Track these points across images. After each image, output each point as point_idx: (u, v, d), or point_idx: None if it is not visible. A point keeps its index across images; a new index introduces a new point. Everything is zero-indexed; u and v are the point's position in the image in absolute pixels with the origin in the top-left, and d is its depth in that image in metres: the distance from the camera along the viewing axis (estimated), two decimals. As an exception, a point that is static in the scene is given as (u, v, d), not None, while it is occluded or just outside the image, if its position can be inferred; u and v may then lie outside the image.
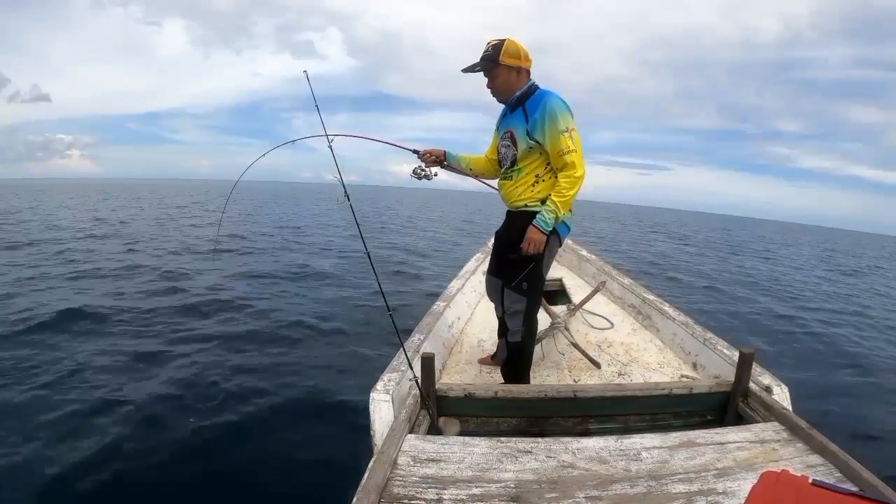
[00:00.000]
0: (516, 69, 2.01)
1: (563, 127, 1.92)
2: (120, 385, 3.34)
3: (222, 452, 2.64)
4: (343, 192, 1.92)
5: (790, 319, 7.02)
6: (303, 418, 3.04)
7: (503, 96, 2.09)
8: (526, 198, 2.07)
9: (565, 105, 1.97)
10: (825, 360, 5.17)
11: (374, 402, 1.72)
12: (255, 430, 2.87)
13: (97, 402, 3.08)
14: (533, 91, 2.03)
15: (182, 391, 3.29)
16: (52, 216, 17.28)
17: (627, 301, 3.53)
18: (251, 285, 6.78)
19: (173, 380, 3.46)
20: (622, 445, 1.50)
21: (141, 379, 3.46)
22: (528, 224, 2.03)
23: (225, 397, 3.24)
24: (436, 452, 1.44)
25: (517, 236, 2.08)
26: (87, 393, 3.20)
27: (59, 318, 4.73)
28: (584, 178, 1.97)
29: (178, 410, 3.04)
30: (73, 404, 3.03)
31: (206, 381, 3.46)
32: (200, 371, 3.63)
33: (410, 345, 2.19)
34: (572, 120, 1.96)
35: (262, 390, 3.38)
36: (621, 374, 2.46)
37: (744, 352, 1.84)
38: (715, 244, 22.62)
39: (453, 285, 3.39)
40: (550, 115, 1.93)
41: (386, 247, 11.75)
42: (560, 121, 1.93)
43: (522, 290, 2.09)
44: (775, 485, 0.92)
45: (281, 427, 2.92)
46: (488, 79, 2.07)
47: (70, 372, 3.49)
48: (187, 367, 3.70)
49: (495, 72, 2.02)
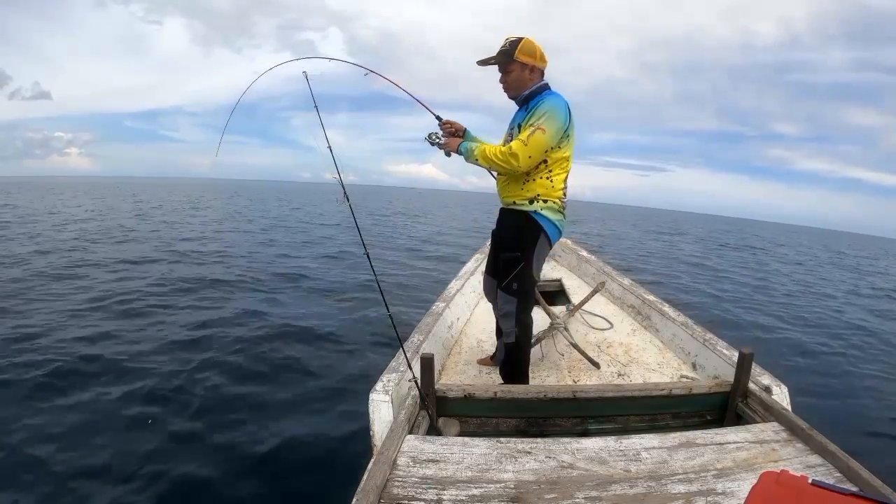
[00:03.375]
0: (530, 67, 2.03)
1: (535, 121, 1.93)
2: (119, 384, 3.34)
3: (221, 453, 2.63)
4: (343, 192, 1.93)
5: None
6: (302, 419, 3.03)
7: (514, 92, 2.10)
8: (515, 195, 2.08)
9: (559, 108, 1.96)
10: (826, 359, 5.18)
11: (373, 403, 1.73)
12: (254, 431, 2.87)
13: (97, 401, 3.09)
14: (542, 91, 2.04)
15: (179, 393, 3.29)
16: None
17: (627, 301, 3.54)
18: (250, 285, 6.77)
19: (171, 379, 3.46)
20: (622, 446, 1.50)
21: (137, 380, 3.45)
22: (517, 222, 2.07)
23: (223, 398, 3.24)
24: (435, 453, 1.44)
25: (507, 235, 2.13)
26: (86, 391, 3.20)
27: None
28: (514, 167, 1.94)
29: (176, 411, 3.04)
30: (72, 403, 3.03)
31: (204, 382, 3.46)
32: (198, 372, 3.62)
33: (410, 345, 2.19)
34: (555, 123, 1.93)
35: (260, 390, 3.37)
36: (621, 374, 2.46)
37: (743, 352, 1.84)
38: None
39: (452, 286, 3.39)
40: (537, 109, 1.95)
41: (386, 247, 11.76)
42: (538, 115, 1.93)
43: (512, 291, 2.10)
44: (775, 485, 0.92)
45: (280, 427, 2.91)
46: (502, 73, 2.08)
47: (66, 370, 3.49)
48: (184, 367, 3.69)
49: (510, 67, 2.04)
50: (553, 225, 2.08)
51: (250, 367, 3.78)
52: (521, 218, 2.07)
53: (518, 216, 2.07)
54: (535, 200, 2.04)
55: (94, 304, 5.30)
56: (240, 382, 3.49)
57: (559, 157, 2.03)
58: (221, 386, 3.41)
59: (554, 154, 2.01)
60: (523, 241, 2.08)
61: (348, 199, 1.91)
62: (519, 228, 2.08)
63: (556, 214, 2.08)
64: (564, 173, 2.08)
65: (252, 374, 3.67)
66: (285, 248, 10.97)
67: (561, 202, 2.09)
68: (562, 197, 2.09)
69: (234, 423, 2.95)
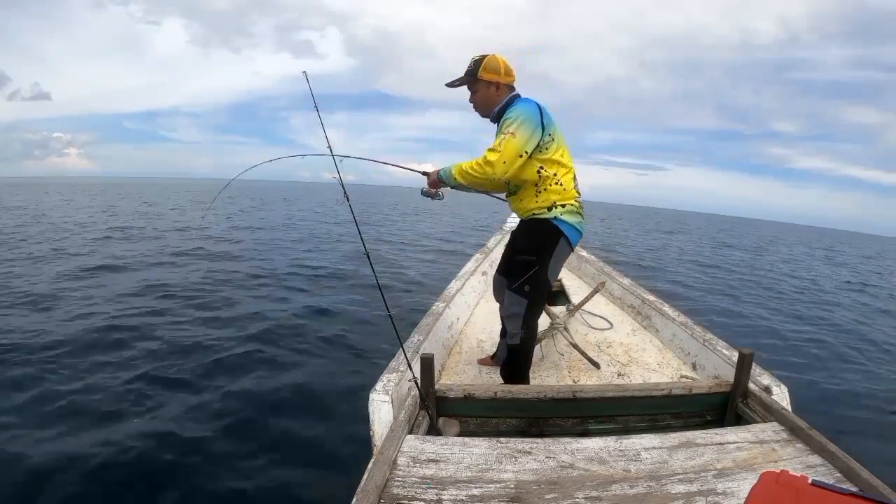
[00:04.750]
0: (495, 84, 2.03)
1: (505, 128, 1.92)
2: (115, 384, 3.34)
3: (220, 453, 2.63)
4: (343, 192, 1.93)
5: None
6: (301, 419, 3.03)
7: (484, 110, 2.12)
8: (533, 207, 2.06)
9: (527, 111, 1.94)
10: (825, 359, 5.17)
11: (373, 403, 1.73)
12: (254, 431, 2.87)
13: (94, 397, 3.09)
14: (511, 102, 2.04)
15: (178, 392, 3.29)
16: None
17: (627, 301, 3.54)
18: (249, 285, 6.77)
19: (168, 379, 3.46)
20: (622, 446, 1.50)
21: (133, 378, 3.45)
22: (536, 226, 2.06)
23: (222, 398, 3.24)
24: (435, 453, 1.44)
25: (525, 238, 2.13)
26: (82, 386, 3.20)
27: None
28: (489, 175, 1.91)
29: (174, 411, 3.03)
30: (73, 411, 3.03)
31: (203, 382, 3.46)
32: (196, 372, 3.63)
33: (410, 345, 2.19)
34: (525, 125, 1.91)
35: (260, 391, 3.37)
36: (621, 374, 2.46)
37: (743, 352, 1.84)
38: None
39: (453, 286, 3.39)
40: (506, 117, 1.96)
41: (386, 247, 11.76)
42: (507, 123, 1.93)
43: (524, 293, 2.09)
44: (775, 485, 0.92)
45: (279, 428, 2.91)
46: (471, 93, 2.11)
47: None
48: (182, 368, 3.69)
49: (475, 86, 2.07)
50: (573, 228, 2.06)
51: (249, 367, 3.78)
52: (541, 223, 2.05)
53: (539, 223, 2.06)
54: (553, 207, 2.02)
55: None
56: (239, 382, 3.49)
57: (551, 158, 2.00)
58: (221, 386, 3.41)
59: (544, 158, 1.98)
60: (542, 245, 2.06)
61: (348, 198, 1.92)
62: (538, 232, 2.07)
63: (574, 217, 2.06)
64: (570, 173, 2.07)
65: (251, 374, 3.67)
66: (285, 247, 10.97)
67: (577, 203, 2.08)
68: (577, 197, 2.08)
69: (233, 423, 2.94)
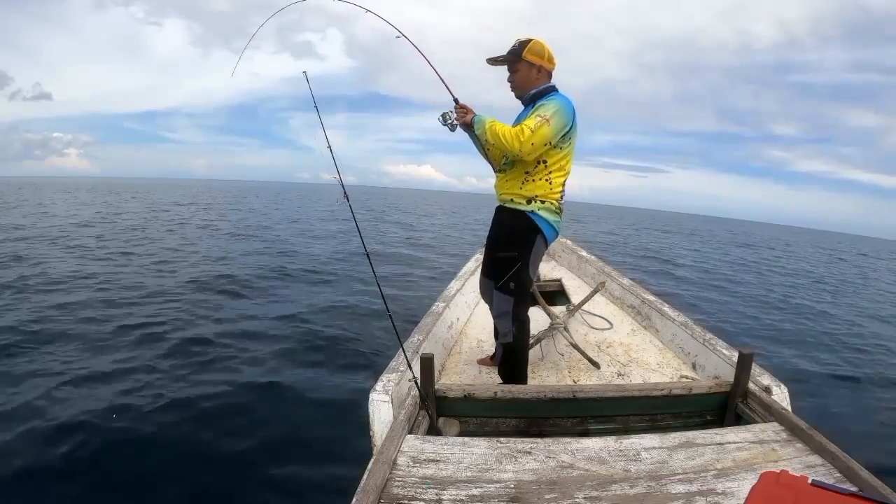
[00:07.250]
0: (537, 67, 2.05)
1: (543, 112, 1.94)
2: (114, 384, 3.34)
3: (220, 452, 2.63)
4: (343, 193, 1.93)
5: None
6: (301, 419, 3.03)
7: (520, 90, 2.12)
8: (513, 193, 2.08)
9: (566, 107, 1.98)
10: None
11: (373, 403, 1.73)
12: (254, 431, 2.87)
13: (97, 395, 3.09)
14: (549, 91, 2.06)
15: (177, 392, 3.29)
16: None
17: (627, 301, 3.54)
18: (248, 285, 6.77)
19: (168, 380, 3.46)
20: (622, 446, 1.50)
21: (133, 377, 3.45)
22: (513, 222, 2.08)
23: (222, 397, 3.24)
24: (435, 453, 1.44)
25: (503, 234, 2.14)
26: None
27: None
28: (514, 149, 1.92)
29: (174, 412, 3.03)
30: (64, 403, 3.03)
31: (202, 382, 3.46)
32: (195, 372, 3.63)
33: (410, 345, 2.19)
34: (560, 119, 1.95)
35: (259, 390, 3.37)
36: (621, 374, 2.46)
37: (743, 352, 1.84)
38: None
39: (452, 286, 3.39)
40: (547, 103, 1.97)
41: (387, 246, 11.76)
42: (547, 108, 1.95)
43: (509, 290, 2.11)
44: (775, 485, 0.92)
45: (279, 427, 2.91)
46: (510, 72, 2.11)
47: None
48: (181, 368, 3.69)
49: (517, 66, 2.07)
50: (550, 225, 2.09)
51: (248, 368, 3.78)
52: (518, 217, 2.07)
53: (515, 216, 2.08)
54: (532, 201, 2.04)
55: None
56: (238, 382, 3.49)
57: (559, 158, 2.03)
58: (221, 385, 3.41)
59: (554, 155, 2.01)
60: (520, 241, 2.08)
61: (348, 199, 1.91)
62: (516, 228, 2.08)
63: (552, 215, 2.09)
64: (564, 176, 2.09)
65: (250, 373, 3.67)
66: (285, 246, 10.97)
67: (558, 203, 2.10)
68: (559, 199, 2.10)
69: (232, 423, 2.94)
